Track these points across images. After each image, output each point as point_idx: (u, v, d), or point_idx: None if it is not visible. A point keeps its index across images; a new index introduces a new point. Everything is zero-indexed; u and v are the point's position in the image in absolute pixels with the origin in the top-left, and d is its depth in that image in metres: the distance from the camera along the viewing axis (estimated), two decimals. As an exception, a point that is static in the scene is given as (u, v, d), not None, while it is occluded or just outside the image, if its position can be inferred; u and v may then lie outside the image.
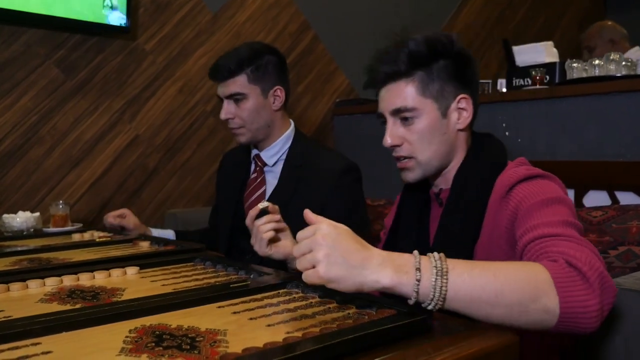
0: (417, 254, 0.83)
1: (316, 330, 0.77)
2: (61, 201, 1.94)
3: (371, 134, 1.28)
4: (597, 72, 2.27)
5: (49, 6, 2.18)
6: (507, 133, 2.36)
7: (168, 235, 1.87)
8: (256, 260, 1.41)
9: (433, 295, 0.80)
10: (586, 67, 2.31)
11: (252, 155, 1.79)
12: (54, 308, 0.92)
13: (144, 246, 1.53)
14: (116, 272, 1.16)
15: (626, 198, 2.01)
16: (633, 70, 2.20)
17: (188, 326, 0.81)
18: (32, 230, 1.83)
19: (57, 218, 1.90)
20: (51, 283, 1.08)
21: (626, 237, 1.50)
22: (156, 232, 1.85)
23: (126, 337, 0.76)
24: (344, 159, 1.69)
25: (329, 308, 0.89)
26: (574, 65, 2.35)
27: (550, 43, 2.75)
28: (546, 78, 2.44)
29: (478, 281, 0.81)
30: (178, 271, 1.20)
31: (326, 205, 1.60)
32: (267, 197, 1.71)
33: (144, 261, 1.26)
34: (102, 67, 2.42)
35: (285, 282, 1.03)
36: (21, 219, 1.81)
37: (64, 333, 0.78)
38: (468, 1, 3.82)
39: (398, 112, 1.18)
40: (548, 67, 2.49)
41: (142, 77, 2.52)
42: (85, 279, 1.12)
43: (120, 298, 0.98)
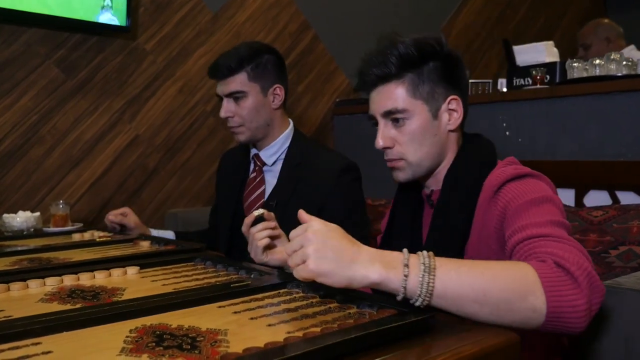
0: (407, 252, 0.84)
1: (317, 330, 0.77)
2: (61, 201, 1.94)
3: (371, 134, 1.28)
4: (598, 72, 2.26)
5: (49, 6, 2.18)
6: (508, 133, 2.36)
7: (168, 236, 1.87)
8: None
9: (420, 291, 0.81)
10: (587, 67, 2.31)
11: (251, 154, 1.79)
12: (55, 308, 0.92)
13: (144, 246, 1.53)
14: (116, 272, 1.16)
15: (627, 198, 2.01)
16: (634, 69, 2.20)
17: (188, 326, 0.80)
18: (33, 230, 1.83)
19: (58, 218, 1.90)
20: (51, 283, 1.08)
21: (627, 237, 1.50)
22: (156, 233, 1.85)
23: (126, 337, 0.76)
24: (344, 158, 1.69)
25: (330, 308, 0.89)
26: (575, 64, 2.35)
27: (550, 43, 2.75)
28: (547, 78, 2.44)
29: (465, 278, 0.82)
30: (178, 271, 1.20)
31: (326, 204, 1.60)
32: (267, 197, 1.71)
33: (144, 261, 1.26)
34: (102, 67, 2.42)
35: (286, 282, 1.03)
36: (21, 219, 1.81)
37: (65, 333, 0.78)
38: (468, 1, 3.81)
39: (389, 114, 1.18)
40: (548, 67, 2.49)
41: (142, 77, 2.52)
42: (85, 279, 1.12)
43: (120, 298, 0.98)
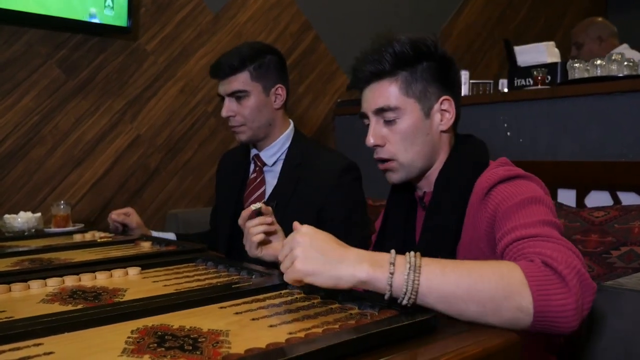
0: (394, 252, 0.85)
1: (319, 330, 0.77)
2: (62, 201, 1.94)
3: (372, 134, 1.27)
4: (599, 72, 2.26)
5: (49, 6, 2.18)
6: (509, 133, 2.35)
7: (169, 238, 1.86)
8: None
9: (406, 289, 0.81)
10: (588, 67, 2.31)
11: (252, 155, 1.79)
12: (56, 309, 0.92)
13: (146, 246, 1.53)
14: (118, 273, 1.16)
15: (628, 198, 2.00)
16: (635, 70, 2.19)
17: (190, 327, 0.80)
18: (34, 230, 1.83)
19: (59, 218, 1.90)
20: (53, 283, 1.08)
21: (628, 238, 1.50)
22: (157, 236, 1.84)
23: (128, 338, 0.76)
24: (344, 158, 1.69)
25: (332, 308, 0.89)
26: (576, 65, 2.35)
27: (551, 43, 2.75)
28: (548, 78, 2.44)
29: (451, 277, 0.82)
30: (180, 271, 1.20)
31: (326, 204, 1.60)
32: (267, 197, 1.70)
33: (146, 261, 1.26)
34: (104, 67, 2.42)
35: (287, 283, 1.03)
36: (22, 220, 1.81)
37: (66, 334, 0.78)
38: (469, 1, 3.81)
39: (381, 112, 1.17)
40: (549, 67, 2.49)
41: (144, 78, 2.52)
42: (86, 280, 1.12)
43: (122, 298, 0.98)
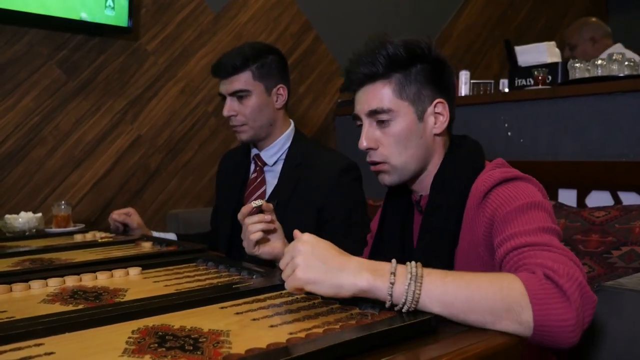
0: (395, 262, 0.86)
1: (319, 331, 0.77)
2: (63, 202, 1.94)
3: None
4: (600, 72, 2.26)
5: (50, 6, 2.18)
6: (510, 133, 2.35)
7: (170, 238, 1.86)
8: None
9: (405, 298, 0.82)
10: (588, 67, 2.31)
11: (252, 155, 1.79)
12: (57, 309, 0.92)
13: (147, 247, 1.53)
14: (119, 273, 1.16)
15: (629, 198, 2.00)
16: (636, 70, 2.19)
17: (191, 327, 0.80)
18: (35, 230, 1.83)
19: (59, 219, 1.90)
20: (54, 284, 1.08)
21: (629, 237, 1.50)
22: (158, 236, 1.84)
23: (129, 338, 0.76)
24: (344, 158, 1.69)
25: (332, 309, 0.89)
26: (576, 65, 2.34)
27: (552, 43, 2.75)
28: (548, 78, 2.44)
29: (450, 287, 0.82)
30: (180, 272, 1.20)
31: (326, 204, 1.60)
32: (267, 197, 1.70)
33: (147, 262, 1.26)
34: (104, 68, 2.42)
35: (287, 283, 1.03)
36: (23, 220, 1.81)
37: (67, 334, 0.78)
38: (469, 1, 3.81)
39: (374, 114, 1.16)
40: (550, 67, 2.48)
41: (144, 78, 2.52)
42: (87, 280, 1.12)
43: (122, 299, 0.98)
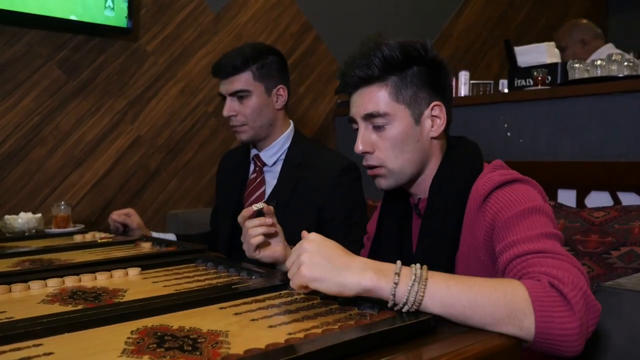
0: (400, 263, 0.86)
1: (318, 331, 0.77)
2: (63, 202, 1.94)
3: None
4: (599, 73, 2.26)
5: (49, 7, 2.18)
6: (509, 134, 2.36)
7: (170, 239, 1.86)
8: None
9: (407, 299, 0.82)
10: (588, 68, 2.31)
11: (252, 155, 1.79)
12: (56, 309, 0.92)
13: (146, 247, 1.54)
14: (118, 273, 1.16)
15: (628, 199, 2.00)
16: (635, 70, 2.19)
17: (190, 327, 0.80)
18: (34, 231, 1.83)
19: (59, 219, 1.90)
20: (53, 284, 1.08)
21: (628, 238, 1.50)
22: (157, 236, 1.84)
23: (128, 338, 0.76)
24: (344, 159, 1.69)
25: (331, 309, 0.89)
26: (576, 65, 2.35)
27: (552, 43, 2.75)
28: (548, 78, 2.44)
29: (453, 291, 0.83)
30: (180, 272, 1.20)
31: (326, 204, 1.60)
32: (267, 197, 1.71)
33: (146, 262, 1.26)
34: (104, 68, 2.42)
35: (287, 283, 1.03)
36: (23, 220, 1.81)
37: (66, 334, 0.78)
38: (469, 1, 3.81)
39: (370, 117, 1.14)
40: (550, 68, 2.49)
41: (144, 78, 2.52)
42: (87, 280, 1.12)
43: (122, 299, 0.98)
